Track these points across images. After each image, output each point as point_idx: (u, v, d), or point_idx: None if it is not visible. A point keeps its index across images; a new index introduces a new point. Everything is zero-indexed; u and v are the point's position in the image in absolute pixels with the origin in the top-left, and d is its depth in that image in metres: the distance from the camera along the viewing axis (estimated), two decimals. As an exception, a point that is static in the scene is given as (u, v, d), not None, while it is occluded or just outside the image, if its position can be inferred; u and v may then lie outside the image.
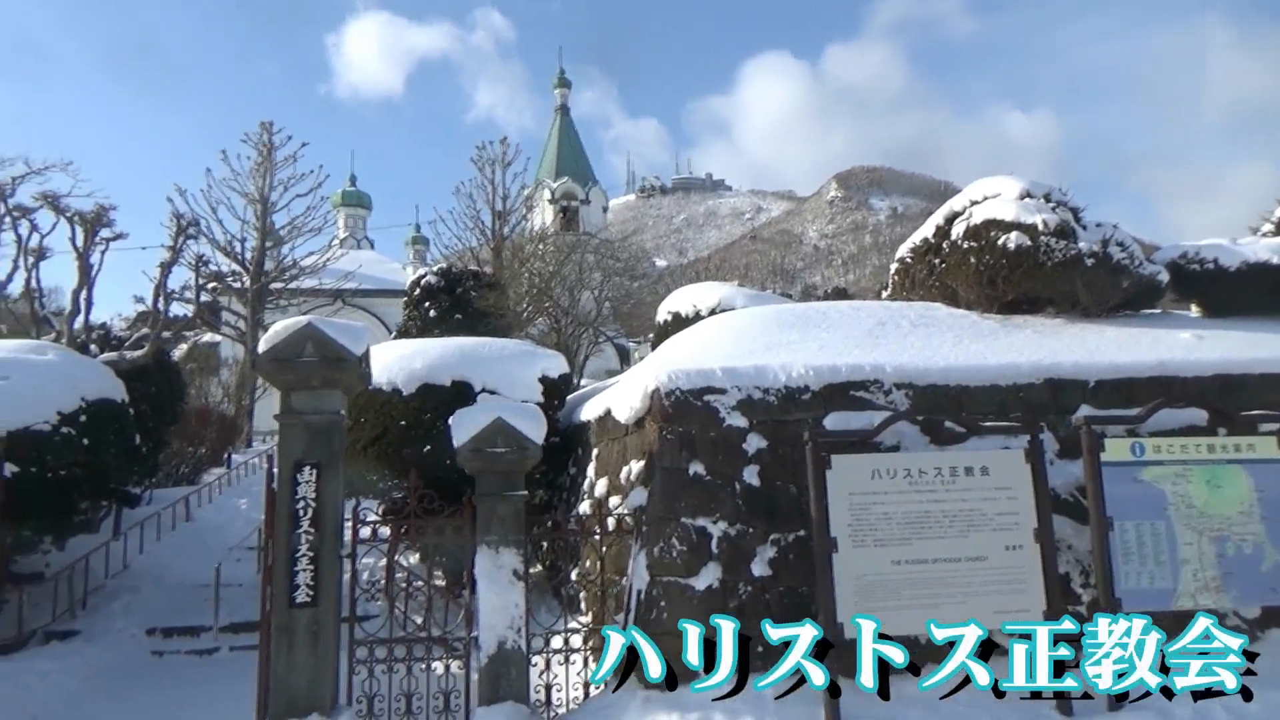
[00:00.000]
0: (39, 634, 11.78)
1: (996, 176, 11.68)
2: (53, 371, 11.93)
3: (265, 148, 31.74)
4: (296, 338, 6.88)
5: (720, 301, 14.88)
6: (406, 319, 20.81)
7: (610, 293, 24.53)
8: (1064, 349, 8.87)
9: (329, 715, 6.57)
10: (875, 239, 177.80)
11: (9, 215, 20.79)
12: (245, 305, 31.52)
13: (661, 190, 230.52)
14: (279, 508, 6.83)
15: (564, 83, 61.61)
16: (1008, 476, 6.92)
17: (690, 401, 7.77)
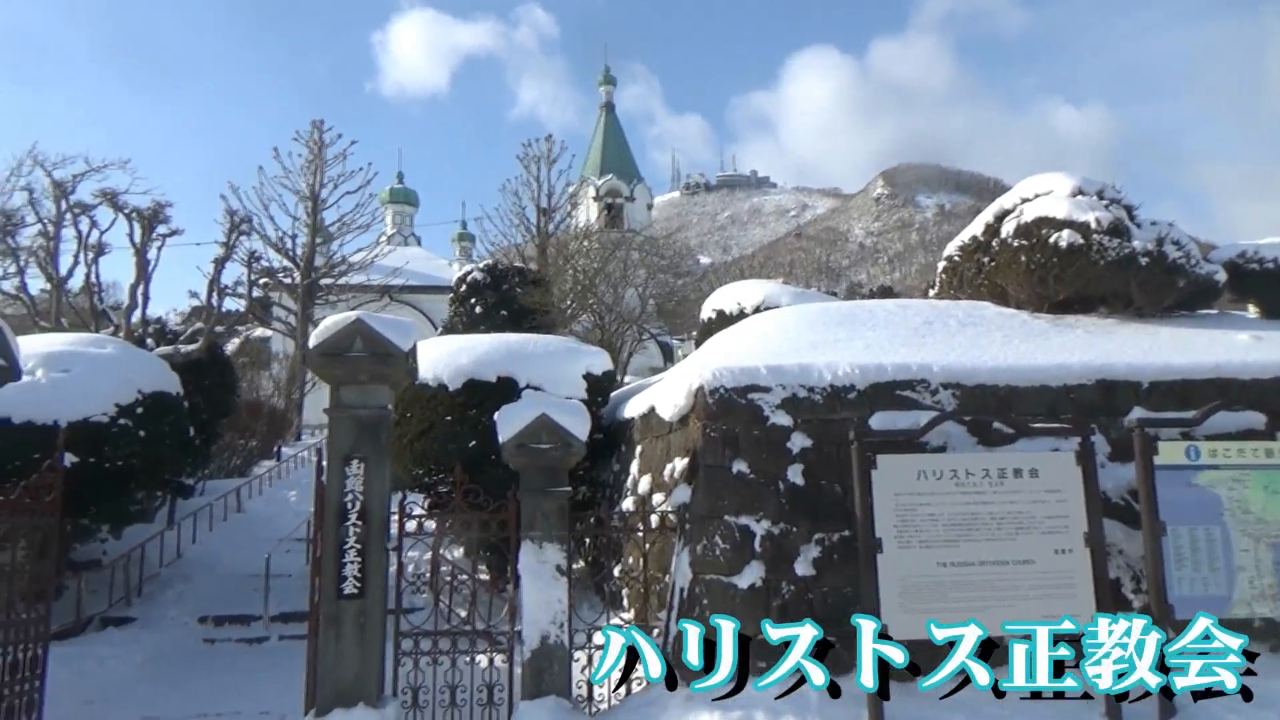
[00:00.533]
0: (96, 620, 12.08)
1: (1048, 173, 11.50)
2: (111, 364, 12.21)
3: (316, 145, 32.21)
4: (345, 333, 6.97)
5: (764, 299, 14.85)
6: (453, 315, 21.02)
7: (654, 290, 24.57)
8: (1117, 350, 8.71)
9: (375, 705, 6.66)
10: (921, 237, 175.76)
11: (70, 212, 21.40)
12: (295, 301, 32.02)
13: (706, 187, 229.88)
14: (328, 501, 6.94)
15: (609, 80, 61.74)
16: (1057, 479, 6.82)
17: (734, 399, 7.76)
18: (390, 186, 57.40)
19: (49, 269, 21.96)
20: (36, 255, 22.43)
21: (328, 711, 6.58)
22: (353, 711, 6.56)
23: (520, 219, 33.14)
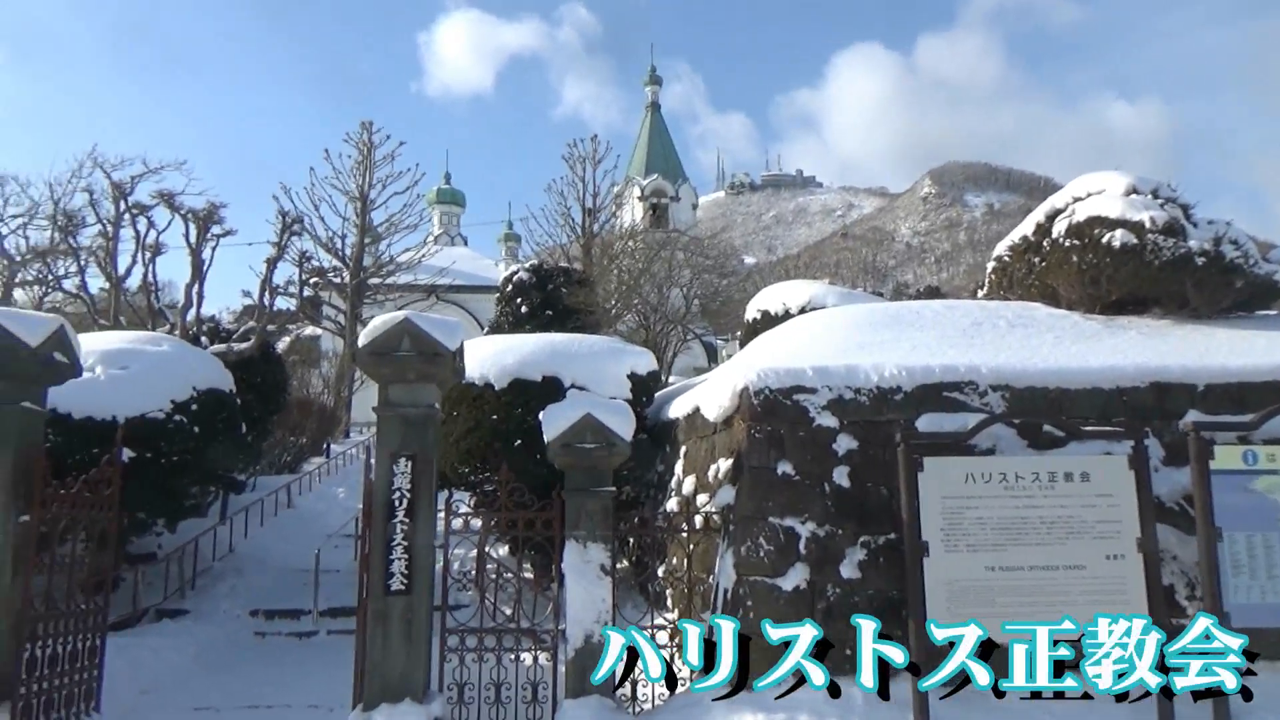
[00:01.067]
0: (151, 611, 12.36)
1: (1100, 172, 11.29)
2: (167, 362, 12.48)
3: (365, 147, 32.63)
4: (394, 332, 7.07)
5: (810, 300, 14.78)
6: (499, 315, 21.17)
7: (699, 290, 24.60)
8: (1171, 351, 8.53)
9: (421, 701, 6.75)
10: (970, 236, 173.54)
11: (128, 212, 21.91)
12: (345, 300, 32.47)
13: (751, 187, 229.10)
14: (376, 498, 7.04)
15: (654, 80, 61.69)
16: (1109, 483, 6.70)
17: (780, 400, 7.73)
18: (438, 187, 57.95)
19: (108, 268, 22.50)
20: (96, 255, 23.00)
21: (375, 706, 6.68)
22: (399, 706, 6.66)
23: (565, 219, 33.29)
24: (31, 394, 7.19)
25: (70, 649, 7.55)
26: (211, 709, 8.78)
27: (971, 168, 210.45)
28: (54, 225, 23.89)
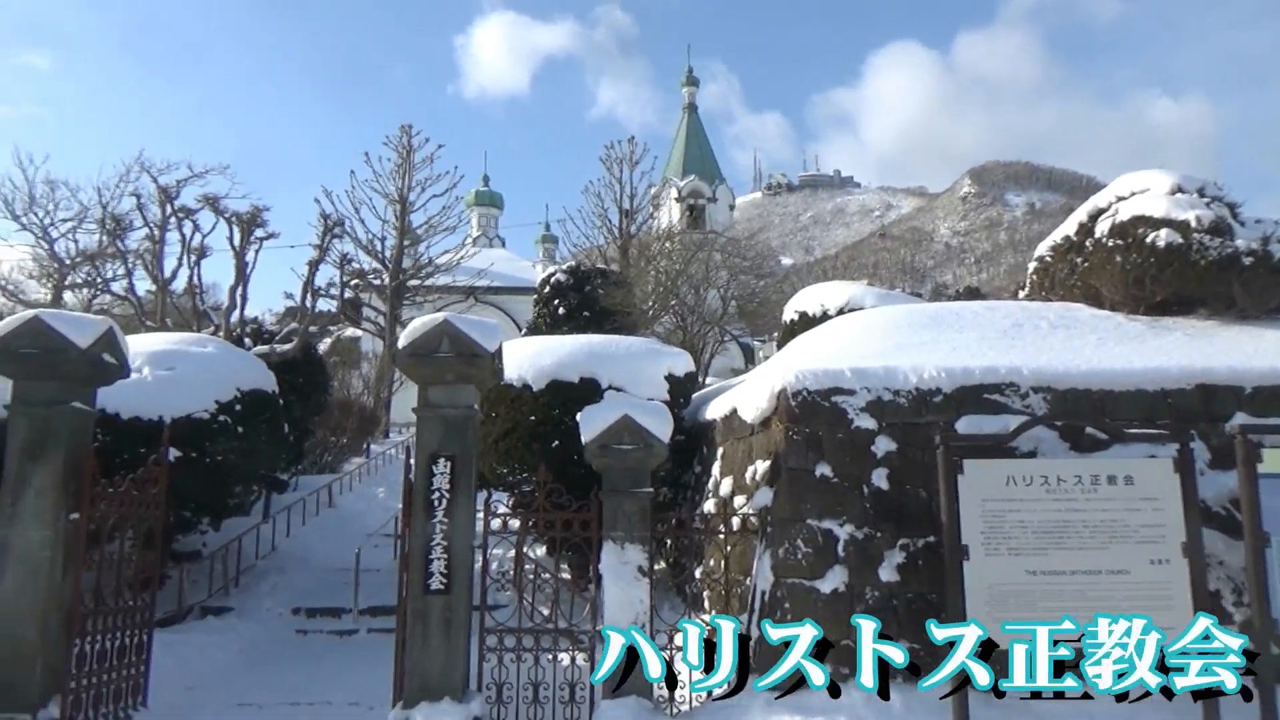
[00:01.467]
0: (196, 609, 12.57)
1: (1145, 170, 11.13)
2: (212, 363, 12.70)
3: (404, 150, 32.90)
4: (433, 334, 7.13)
5: (848, 301, 14.70)
6: (536, 316, 21.27)
7: (736, 291, 24.51)
8: (1218, 353, 8.38)
9: (460, 700, 6.81)
10: (1010, 236, 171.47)
11: (175, 216, 22.33)
12: (384, 301, 32.78)
13: (788, 187, 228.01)
14: (415, 498, 7.11)
15: (692, 81, 61.62)
16: (1154, 486, 6.59)
17: (818, 402, 7.70)
18: (476, 189, 58.37)
19: (155, 271, 22.94)
20: (143, 258, 23.46)
21: (415, 704, 6.74)
22: (439, 704, 6.72)
23: (603, 220, 33.38)
24: (81, 394, 7.35)
25: (118, 645, 7.71)
26: (255, 705, 8.91)
27: (1012, 167, 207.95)
28: (103, 229, 24.40)
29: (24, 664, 6.70)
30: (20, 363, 7.05)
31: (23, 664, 6.70)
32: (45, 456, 6.98)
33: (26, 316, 7.14)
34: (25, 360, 7.02)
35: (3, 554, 6.84)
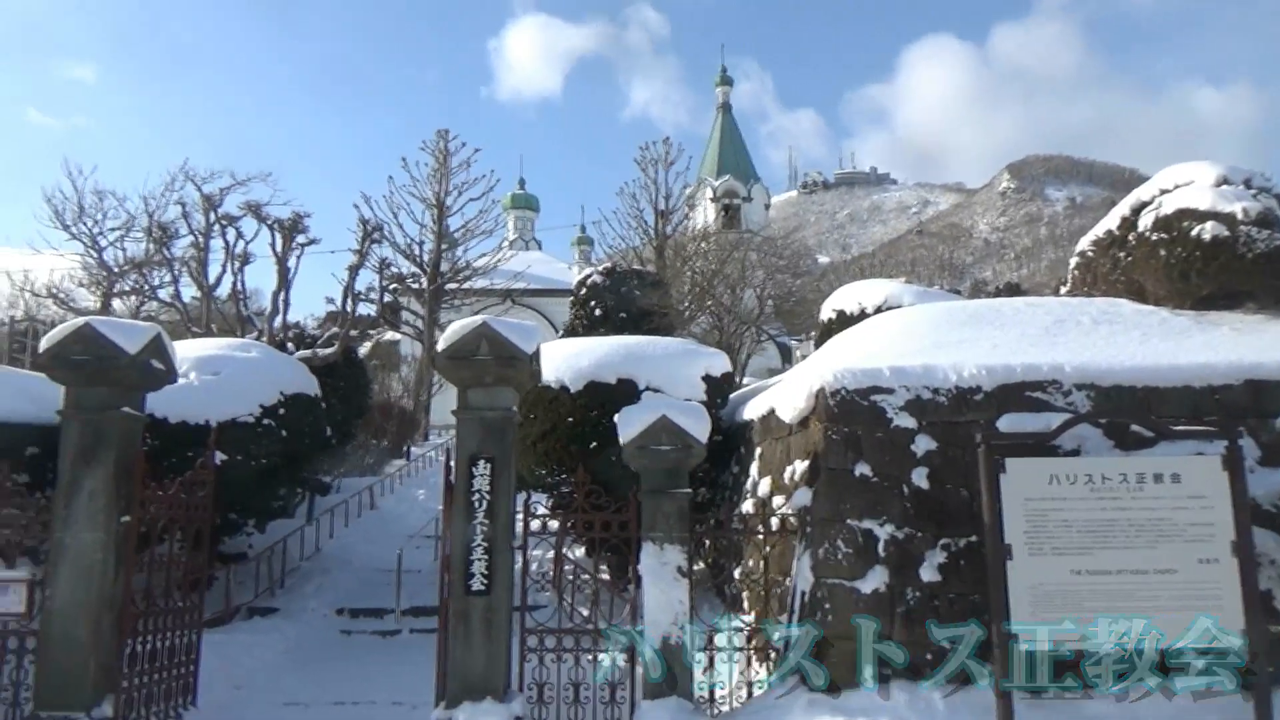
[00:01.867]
0: (243, 609, 12.78)
1: (1189, 162, 10.93)
2: (256, 367, 12.91)
3: (441, 154, 33.15)
4: (472, 336, 7.20)
5: (886, 299, 14.56)
6: (573, 318, 21.31)
7: (772, 290, 24.46)
8: (1267, 347, 8.21)
9: (502, 699, 6.86)
10: (1051, 231, 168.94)
11: (218, 223, 22.70)
12: (423, 305, 33.06)
13: (824, 185, 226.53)
14: (456, 499, 7.18)
15: (726, 80, 61.55)
16: (1202, 484, 6.48)
17: (856, 401, 7.66)
18: (512, 192, 58.63)
19: (200, 278, 23.31)
20: (189, 265, 23.85)
21: (457, 704, 6.81)
22: (480, 704, 6.78)
23: (638, 221, 33.42)
24: (131, 399, 7.51)
25: (168, 645, 7.87)
26: (301, 704, 9.05)
27: (1052, 161, 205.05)
28: (149, 237, 24.83)
29: (78, 663, 6.87)
30: (72, 369, 7.22)
31: (77, 663, 6.87)
32: (97, 461, 7.15)
33: (78, 324, 7.32)
34: (77, 367, 7.20)
35: (57, 556, 7.02)
